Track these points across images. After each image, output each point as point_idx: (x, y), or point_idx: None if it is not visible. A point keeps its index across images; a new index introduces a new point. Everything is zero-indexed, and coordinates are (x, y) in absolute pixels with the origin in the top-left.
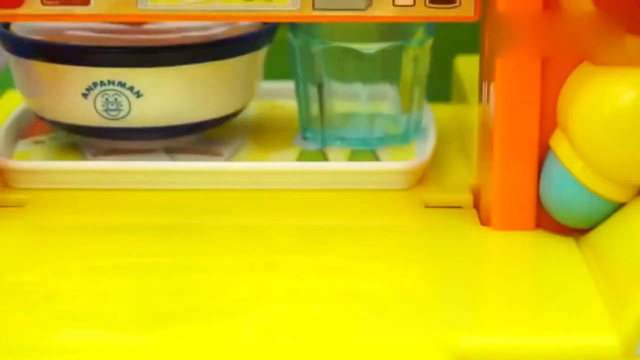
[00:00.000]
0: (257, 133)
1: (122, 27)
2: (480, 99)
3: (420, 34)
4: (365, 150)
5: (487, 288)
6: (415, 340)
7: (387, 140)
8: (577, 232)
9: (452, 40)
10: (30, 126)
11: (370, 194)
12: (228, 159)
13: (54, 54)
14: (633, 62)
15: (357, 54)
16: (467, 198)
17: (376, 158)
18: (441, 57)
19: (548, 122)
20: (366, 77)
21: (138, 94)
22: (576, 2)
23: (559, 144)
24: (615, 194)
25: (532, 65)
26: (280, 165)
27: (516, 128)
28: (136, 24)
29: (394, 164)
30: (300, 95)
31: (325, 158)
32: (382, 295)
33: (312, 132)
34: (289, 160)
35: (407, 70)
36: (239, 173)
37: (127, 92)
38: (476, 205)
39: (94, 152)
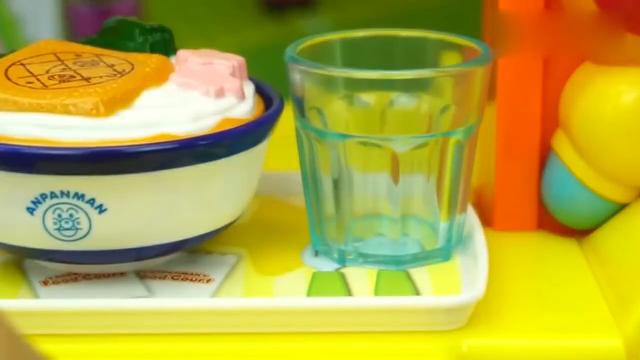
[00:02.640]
0: (256, 243)
1: (79, 120)
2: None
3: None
4: (396, 270)
5: (488, 289)
6: (418, 337)
7: (423, 257)
8: (579, 232)
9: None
10: None
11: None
12: (219, 287)
13: None
14: (635, 61)
15: (386, 150)
16: None
17: (411, 282)
18: None
19: (550, 122)
20: (396, 175)
21: (100, 209)
22: (578, 2)
23: (561, 145)
24: (617, 195)
25: (534, 65)
26: (289, 303)
27: (518, 128)
28: (99, 114)
29: (439, 300)
30: (310, 192)
31: (345, 284)
32: None
33: (326, 245)
34: (300, 287)
35: (449, 164)
36: (234, 313)
37: (87, 207)
38: (477, 205)
39: (43, 277)
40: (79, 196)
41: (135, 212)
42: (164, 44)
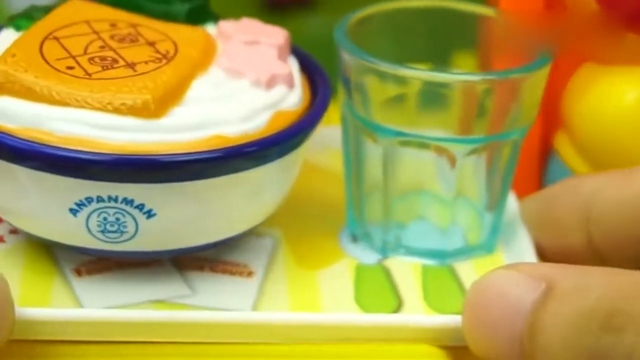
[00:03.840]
0: (290, 222)
1: (129, 121)
2: None
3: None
4: (440, 266)
5: None
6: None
7: (467, 250)
8: None
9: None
10: None
11: None
12: (261, 283)
13: (30, 159)
14: (637, 61)
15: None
16: None
17: (459, 282)
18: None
19: (551, 122)
20: (449, 181)
21: (149, 214)
22: (579, 2)
23: (563, 145)
24: None
25: None
26: (345, 320)
27: None
28: (151, 115)
29: None
30: (351, 182)
31: (391, 282)
32: None
33: (364, 228)
34: (345, 285)
35: (502, 162)
36: (288, 328)
37: (135, 212)
38: None
39: (75, 264)
40: (128, 201)
41: (185, 215)
42: (202, 11)
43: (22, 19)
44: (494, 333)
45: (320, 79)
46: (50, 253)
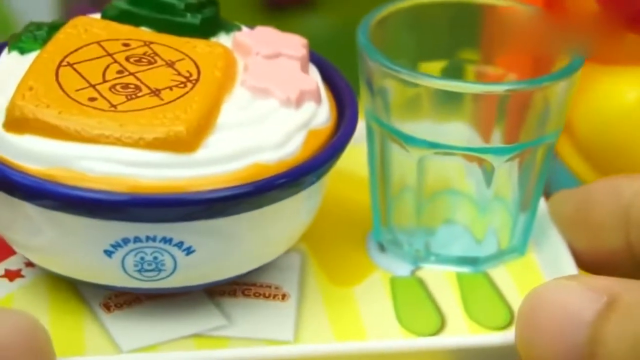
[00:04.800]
0: (315, 234)
1: (163, 157)
2: None
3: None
4: (474, 273)
5: None
6: None
7: (499, 255)
8: None
9: None
10: None
11: None
12: (298, 306)
13: (61, 203)
14: (637, 61)
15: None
16: None
17: (496, 290)
18: None
19: None
20: (484, 189)
21: (188, 251)
22: (579, 1)
23: (563, 145)
24: None
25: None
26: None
27: None
28: (186, 149)
29: None
30: (377, 188)
31: (429, 295)
32: None
33: (392, 235)
34: (383, 302)
35: (536, 164)
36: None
37: (174, 250)
38: None
39: (102, 298)
40: (167, 240)
41: (224, 249)
42: (214, 22)
43: (25, 41)
44: (551, 345)
45: (342, 87)
46: (75, 287)
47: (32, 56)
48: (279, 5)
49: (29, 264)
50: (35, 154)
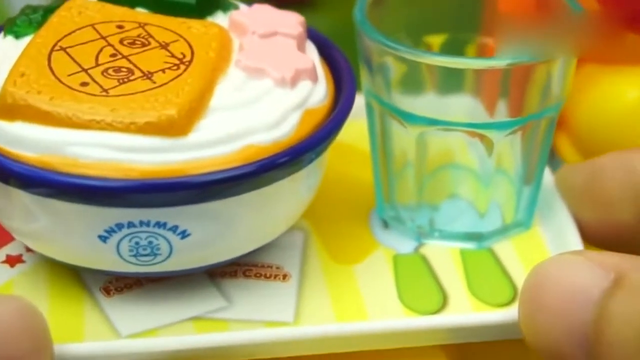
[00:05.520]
0: (317, 211)
1: (155, 141)
2: None
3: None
4: (479, 249)
5: None
6: None
7: (503, 230)
8: None
9: None
10: None
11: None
12: (299, 286)
13: (53, 190)
14: (637, 61)
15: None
16: None
17: (501, 266)
18: None
19: None
20: (486, 163)
21: (183, 234)
22: (579, 1)
23: (563, 145)
24: None
25: None
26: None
27: None
28: (179, 133)
29: None
30: (379, 165)
31: (431, 272)
32: None
33: (395, 211)
34: (385, 280)
35: (538, 136)
36: (335, 339)
37: (168, 234)
38: None
39: (104, 284)
40: (161, 225)
41: (220, 231)
42: (212, 1)
43: (20, 25)
44: (555, 323)
45: (340, 63)
46: (75, 272)
47: (26, 40)
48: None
49: (30, 249)
50: (27, 141)
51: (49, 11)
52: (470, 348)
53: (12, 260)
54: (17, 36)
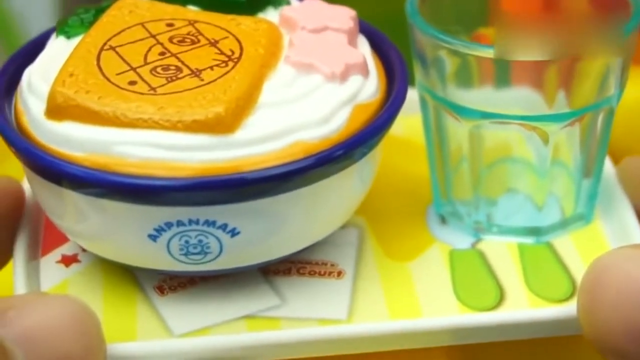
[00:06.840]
0: (373, 206)
1: (203, 139)
2: None
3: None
4: (537, 244)
5: None
6: None
7: (563, 224)
8: None
9: None
10: (46, 221)
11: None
12: (354, 283)
13: (102, 189)
14: (637, 61)
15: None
16: None
17: (560, 262)
18: None
19: None
20: (542, 156)
21: (233, 232)
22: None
23: None
24: None
25: None
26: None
27: None
28: (226, 130)
29: None
30: (435, 160)
31: (489, 268)
32: None
33: (452, 206)
34: (442, 276)
35: (598, 127)
36: (389, 337)
37: (218, 232)
38: None
39: (157, 282)
40: (210, 223)
41: (271, 229)
42: None
43: (72, 25)
44: (615, 318)
45: (393, 57)
46: (129, 271)
47: (78, 40)
48: None
49: (85, 249)
50: (75, 141)
51: (100, 11)
52: (471, 349)
53: (67, 260)
54: (69, 36)
